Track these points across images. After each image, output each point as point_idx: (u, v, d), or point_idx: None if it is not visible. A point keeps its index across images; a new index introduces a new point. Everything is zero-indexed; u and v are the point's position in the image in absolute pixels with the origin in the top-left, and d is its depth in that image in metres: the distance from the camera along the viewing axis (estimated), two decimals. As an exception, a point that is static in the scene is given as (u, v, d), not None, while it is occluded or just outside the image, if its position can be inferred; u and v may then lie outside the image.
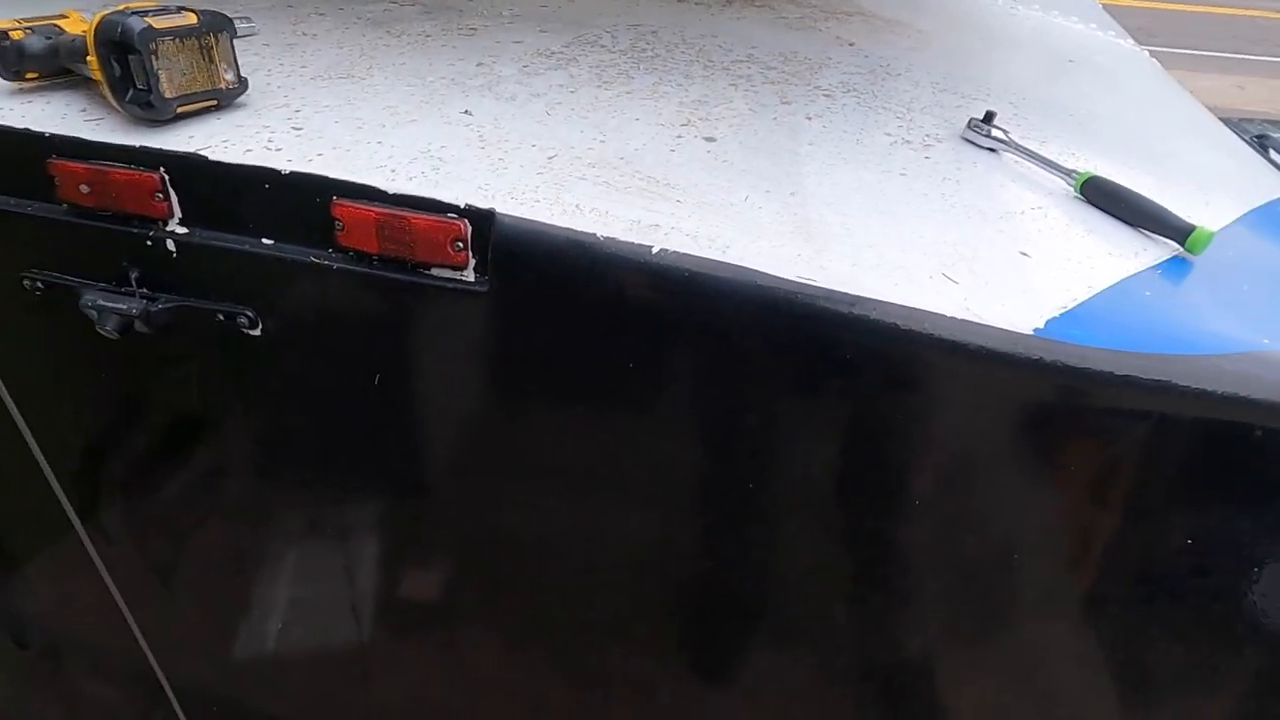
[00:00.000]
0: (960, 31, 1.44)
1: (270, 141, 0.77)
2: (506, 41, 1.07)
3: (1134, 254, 0.75)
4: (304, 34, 1.06)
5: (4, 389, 0.70)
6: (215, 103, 0.81)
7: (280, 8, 1.15)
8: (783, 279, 0.66)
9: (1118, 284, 0.70)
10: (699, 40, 1.13)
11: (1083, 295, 0.68)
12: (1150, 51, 1.71)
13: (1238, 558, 0.71)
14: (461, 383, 0.78)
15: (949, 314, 0.64)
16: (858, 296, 0.65)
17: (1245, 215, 0.87)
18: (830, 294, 0.65)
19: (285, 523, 0.95)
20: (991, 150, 0.90)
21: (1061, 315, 0.65)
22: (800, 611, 0.83)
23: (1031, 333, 0.64)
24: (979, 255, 0.71)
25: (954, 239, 0.73)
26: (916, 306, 0.64)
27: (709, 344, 0.69)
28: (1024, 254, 0.72)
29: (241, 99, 0.83)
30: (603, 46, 1.07)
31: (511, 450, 0.79)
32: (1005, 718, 0.86)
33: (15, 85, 0.85)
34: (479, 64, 0.99)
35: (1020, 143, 0.90)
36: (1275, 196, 0.97)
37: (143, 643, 0.90)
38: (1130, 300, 0.69)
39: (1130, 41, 1.71)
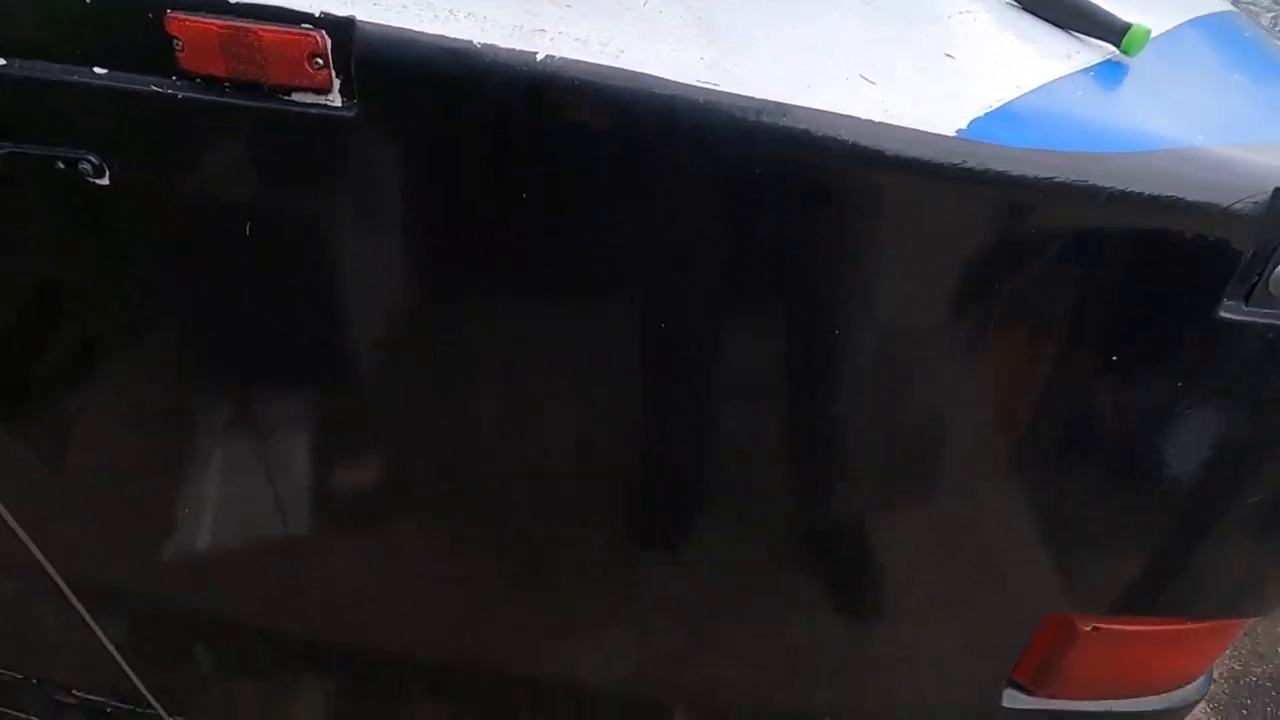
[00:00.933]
0: None
1: (88, -52, 0.65)
2: None
3: (1066, 56, 0.69)
4: None
5: None
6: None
7: None
8: (682, 84, 0.59)
9: (1047, 84, 0.64)
10: None
11: (1009, 95, 0.62)
12: None
13: (1162, 377, 0.69)
14: (339, 228, 0.71)
15: (864, 116, 0.58)
16: (765, 100, 0.59)
17: (1187, 22, 0.82)
18: (734, 98, 0.59)
19: (162, 407, 0.88)
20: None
21: (985, 115, 0.60)
22: (727, 477, 0.80)
23: (954, 134, 0.59)
24: (900, 58, 0.65)
25: (874, 41, 0.66)
26: (829, 109, 0.58)
27: (601, 160, 0.63)
28: (949, 55, 0.66)
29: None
30: None
31: (396, 301, 0.73)
32: (939, 577, 0.85)
33: None
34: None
35: (951, -53, 0.82)
36: (1222, 9, 0.92)
37: (24, 538, 0.84)
38: (1059, 100, 0.64)
39: None
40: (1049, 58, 0.68)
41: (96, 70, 0.66)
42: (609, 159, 0.63)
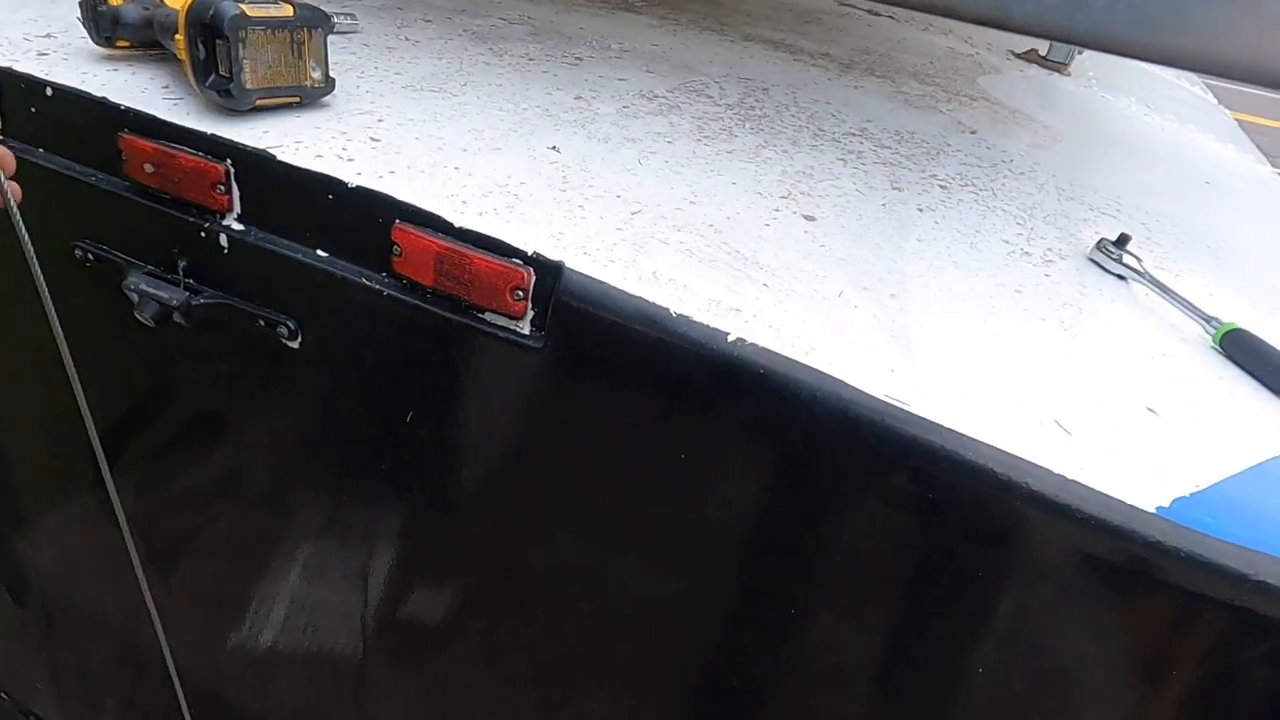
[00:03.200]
0: (1089, 133, 1.35)
1: (344, 150, 0.72)
2: (610, 77, 1.01)
3: (1278, 428, 0.65)
4: (407, 39, 1.02)
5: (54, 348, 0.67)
6: (298, 99, 0.77)
7: (390, 9, 1.13)
8: (870, 395, 0.58)
9: (1260, 465, 0.60)
10: (812, 105, 1.06)
11: (1217, 474, 0.58)
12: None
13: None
14: (497, 436, 0.72)
15: (1059, 471, 0.55)
16: (954, 431, 0.56)
17: None
18: (923, 423, 0.57)
19: (297, 531, 0.89)
20: (1120, 278, 0.80)
21: (1191, 496, 0.56)
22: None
23: (1154, 510, 0.54)
24: (1097, 404, 0.62)
25: (1071, 379, 0.64)
26: (1022, 456, 0.56)
27: (775, 450, 0.61)
28: (1151, 410, 0.63)
29: (326, 99, 0.80)
30: (709, 97, 1.01)
31: (538, 512, 0.73)
32: None
33: (105, 51, 0.83)
34: (577, 97, 0.93)
35: (1153, 274, 0.80)
36: None
37: (154, 615, 0.85)
38: (1271, 487, 0.59)
39: (1269, 168, 1.58)
40: (1261, 428, 0.64)
41: (319, 252, 0.72)
42: (784, 450, 0.61)
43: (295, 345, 0.76)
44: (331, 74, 0.78)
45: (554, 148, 0.80)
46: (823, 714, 0.71)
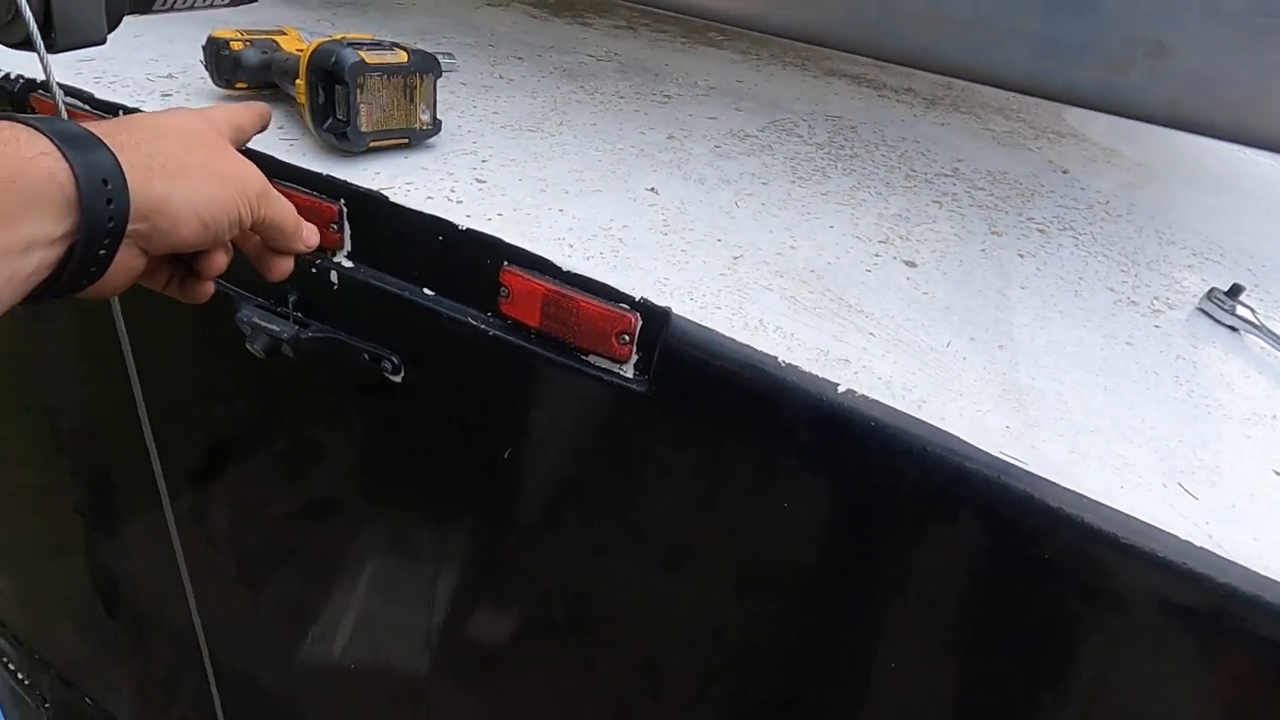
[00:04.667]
0: (1182, 170, 1.31)
1: (453, 191, 0.74)
2: (700, 116, 1.02)
3: None
4: (500, 77, 1.05)
5: (135, 378, 0.70)
6: (407, 141, 0.79)
7: (482, 46, 1.16)
8: (985, 453, 0.57)
9: (1398, 536, 0.57)
10: (900, 144, 1.05)
11: (1355, 544, 0.55)
12: None
13: None
14: (597, 478, 0.72)
15: (1187, 538, 0.53)
16: (1077, 494, 0.55)
17: None
18: (1044, 484, 0.55)
19: (389, 558, 0.91)
20: (1232, 329, 0.78)
21: (1329, 567, 0.53)
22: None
23: (1289, 582, 0.52)
24: (1222, 465, 0.60)
25: (1191, 438, 0.62)
26: (1148, 521, 0.54)
27: (883, 504, 0.61)
28: (1278, 473, 0.60)
29: (432, 140, 0.82)
30: (799, 136, 1.01)
31: (636, 555, 0.73)
32: None
33: (225, 91, 0.86)
34: (670, 136, 0.94)
35: (1268, 325, 0.77)
36: None
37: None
38: None
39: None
40: (1396, 496, 0.61)
41: (426, 291, 0.73)
42: (892, 505, 0.61)
43: (398, 380, 0.77)
44: (439, 116, 0.80)
45: (652, 189, 0.81)
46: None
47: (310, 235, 0.60)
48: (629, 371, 0.67)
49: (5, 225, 0.38)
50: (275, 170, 0.76)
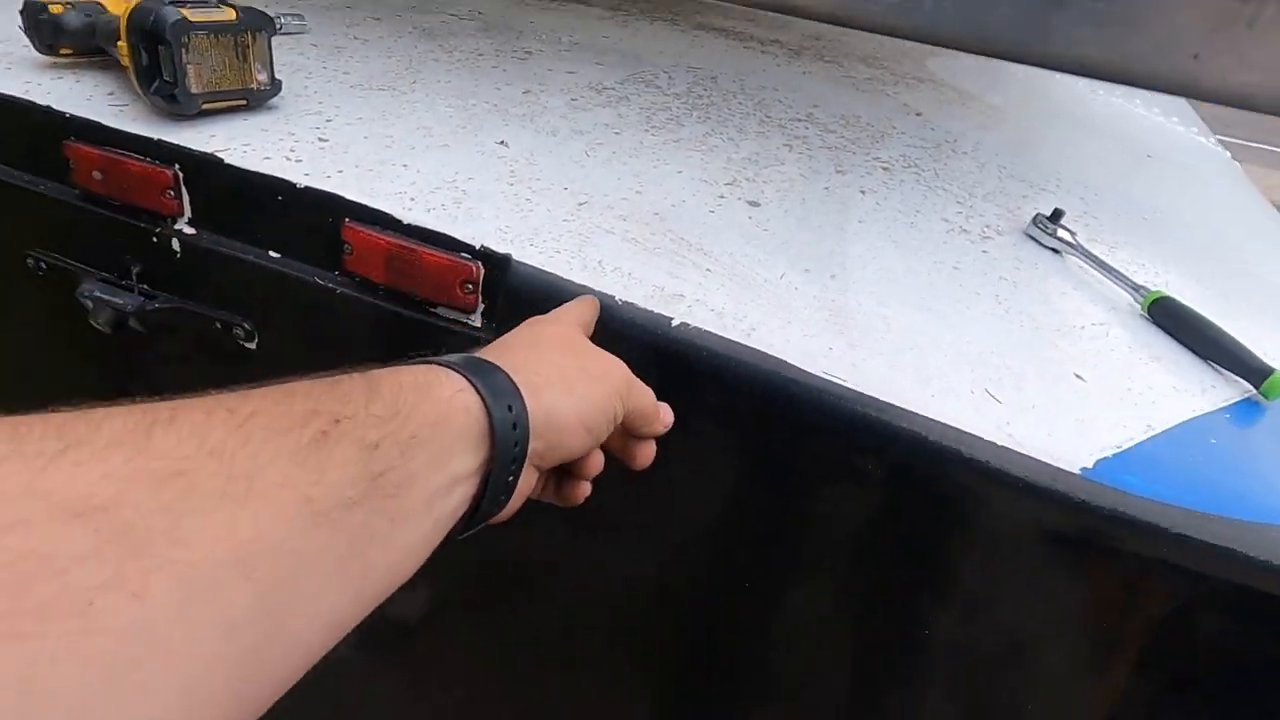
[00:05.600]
0: (1035, 111, 1.38)
1: (293, 151, 0.73)
2: (559, 70, 1.03)
3: (1201, 391, 0.68)
4: (355, 38, 1.03)
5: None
6: (244, 102, 0.77)
7: (338, 8, 1.13)
8: (809, 374, 0.60)
9: (1180, 426, 0.63)
10: (759, 92, 1.08)
11: (1140, 435, 0.61)
12: (1226, 143, 1.63)
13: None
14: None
15: (989, 437, 0.58)
16: (891, 405, 0.59)
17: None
18: (860, 397, 0.59)
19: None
20: (1055, 251, 0.83)
21: (1115, 456, 0.59)
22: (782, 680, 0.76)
23: (1079, 472, 0.57)
24: (1028, 372, 0.65)
25: (1004, 350, 0.66)
26: (953, 424, 0.58)
27: (721, 430, 0.64)
28: (1079, 377, 0.66)
29: (273, 101, 0.80)
30: (657, 87, 1.03)
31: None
32: None
33: (49, 59, 0.83)
34: (526, 91, 0.95)
35: (1087, 246, 0.83)
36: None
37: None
38: (1192, 447, 0.62)
39: (1213, 140, 1.63)
40: (1184, 391, 0.67)
41: (271, 253, 0.73)
42: (729, 431, 0.64)
43: (252, 346, 0.77)
44: (278, 76, 0.78)
45: (502, 142, 0.81)
46: (787, 680, 0.73)
47: (667, 414, 0.56)
48: (477, 321, 0.68)
49: (436, 466, 0.37)
50: (104, 137, 0.73)
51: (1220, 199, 1.24)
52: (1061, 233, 0.83)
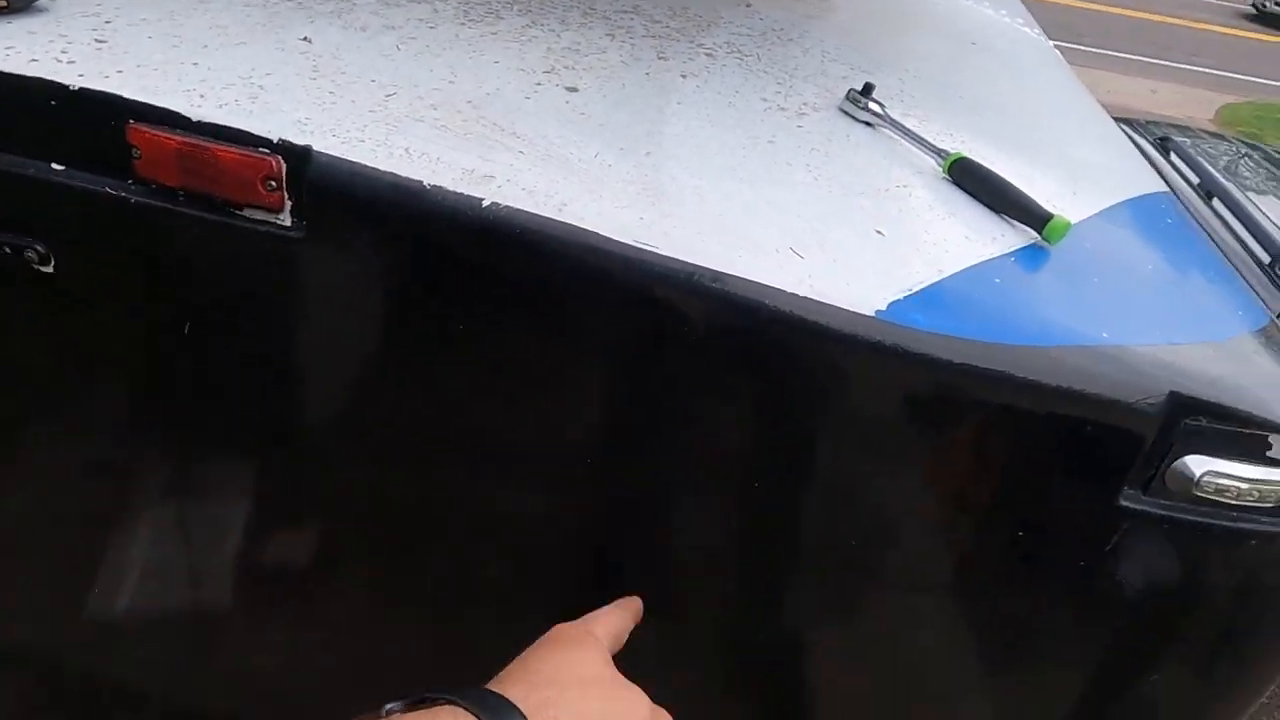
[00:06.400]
0: (867, 4, 1.41)
1: (64, 53, 0.68)
2: (373, -33, 0.98)
3: (991, 239, 0.73)
4: (142, -60, 0.95)
5: None
6: (5, 5, 0.71)
7: (122, -92, 1.03)
8: (619, 243, 0.61)
9: (968, 269, 0.68)
10: (585, -14, 1.06)
11: (930, 278, 0.66)
12: (1073, 50, 1.72)
13: (1064, 546, 0.71)
14: (277, 336, 0.71)
15: (789, 290, 0.61)
16: (698, 266, 0.61)
17: (1110, 208, 0.87)
18: (670, 262, 0.61)
19: (98, 479, 0.86)
20: (868, 124, 0.87)
21: (905, 298, 0.63)
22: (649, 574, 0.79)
23: (873, 314, 0.61)
24: (832, 230, 0.68)
25: (810, 213, 0.70)
26: (756, 280, 0.61)
27: (538, 308, 0.65)
28: (879, 232, 0.70)
29: (44, 4, 0.74)
30: (478, -18, 0.99)
31: (328, 402, 0.73)
32: (864, 695, 0.85)
33: None
34: (335, -12, 0.90)
35: (897, 118, 0.87)
36: (1145, 191, 0.98)
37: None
38: (978, 287, 0.67)
39: (1037, 30, 1.71)
40: (974, 240, 0.72)
41: (54, 166, 0.68)
42: (543, 309, 0.65)
43: (50, 270, 0.72)
44: (42, -26, 0.72)
45: (305, 39, 0.78)
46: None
47: None
48: (286, 220, 0.66)
49: None
50: None
51: (1034, 82, 1.31)
52: (873, 105, 0.86)
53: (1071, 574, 0.70)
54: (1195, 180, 2.09)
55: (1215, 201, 1.97)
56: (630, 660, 0.53)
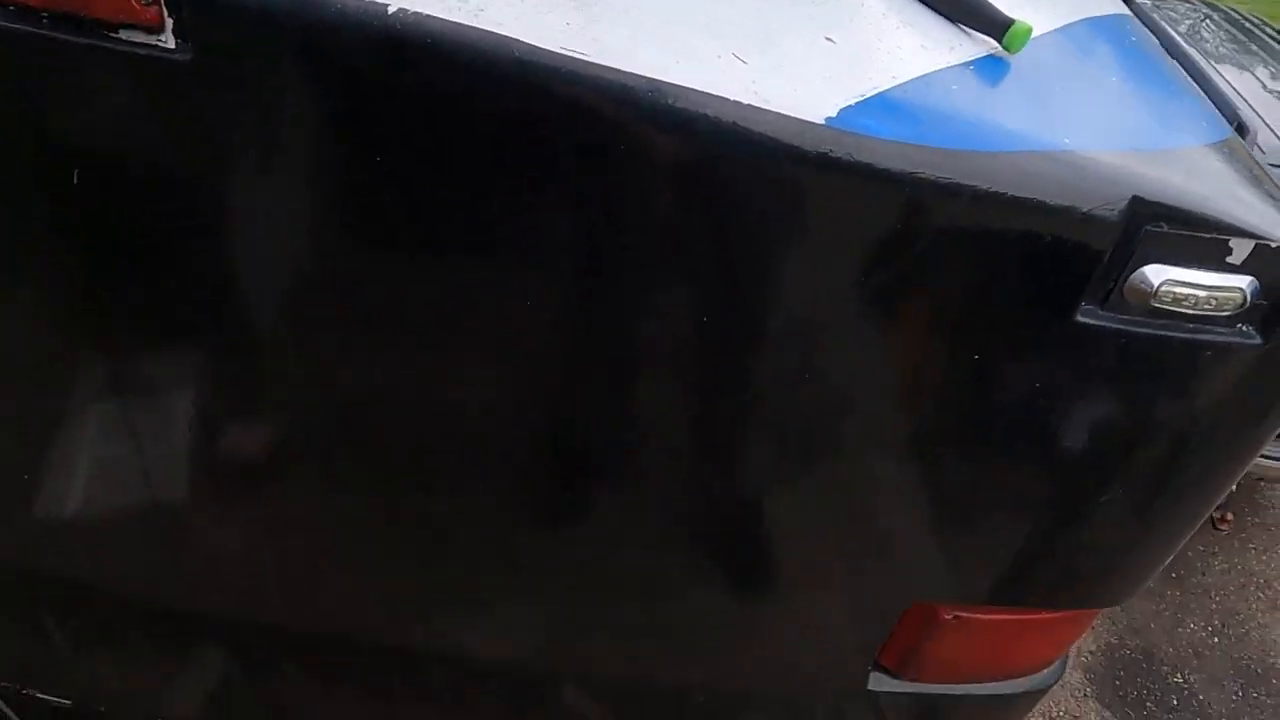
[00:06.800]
0: None
1: None
2: None
3: (949, 48, 0.68)
4: None
5: None
6: None
7: None
8: (544, 50, 0.55)
9: (924, 76, 0.63)
10: None
11: (883, 85, 0.61)
12: None
13: (1023, 375, 0.70)
14: (169, 182, 0.65)
15: (732, 97, 0.56)
16: (632, 74, 0.56)
17: (1071, 24, 0.82)
18: (600, 69, 0.55)
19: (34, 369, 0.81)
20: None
21: (857, 104, 0.59)
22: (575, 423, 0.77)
23: (822, 122, 0.57)
24: (778, 37, 0.63)
25: (754, 19, 0.64)
26: (697, 88, 0.56)
27: (456, 125, 0.59)
28: (829, 39, 0.64)
29: None
30: None
31: (239, 246, 0.68)
32: (826, 561, 0.85)
33: None
34: None
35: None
36: (1117, 11, 0.93)
37: None
38: (933, 94, 0.63)
39: None
40: (930, 49, 0.67)
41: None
42: (462, 125, 0.59)
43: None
44: None
45: None
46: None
47: None
48: (169, 41, 0.58)
49: None
50: None
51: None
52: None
53: (1029, 393, 0.69)
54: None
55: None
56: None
